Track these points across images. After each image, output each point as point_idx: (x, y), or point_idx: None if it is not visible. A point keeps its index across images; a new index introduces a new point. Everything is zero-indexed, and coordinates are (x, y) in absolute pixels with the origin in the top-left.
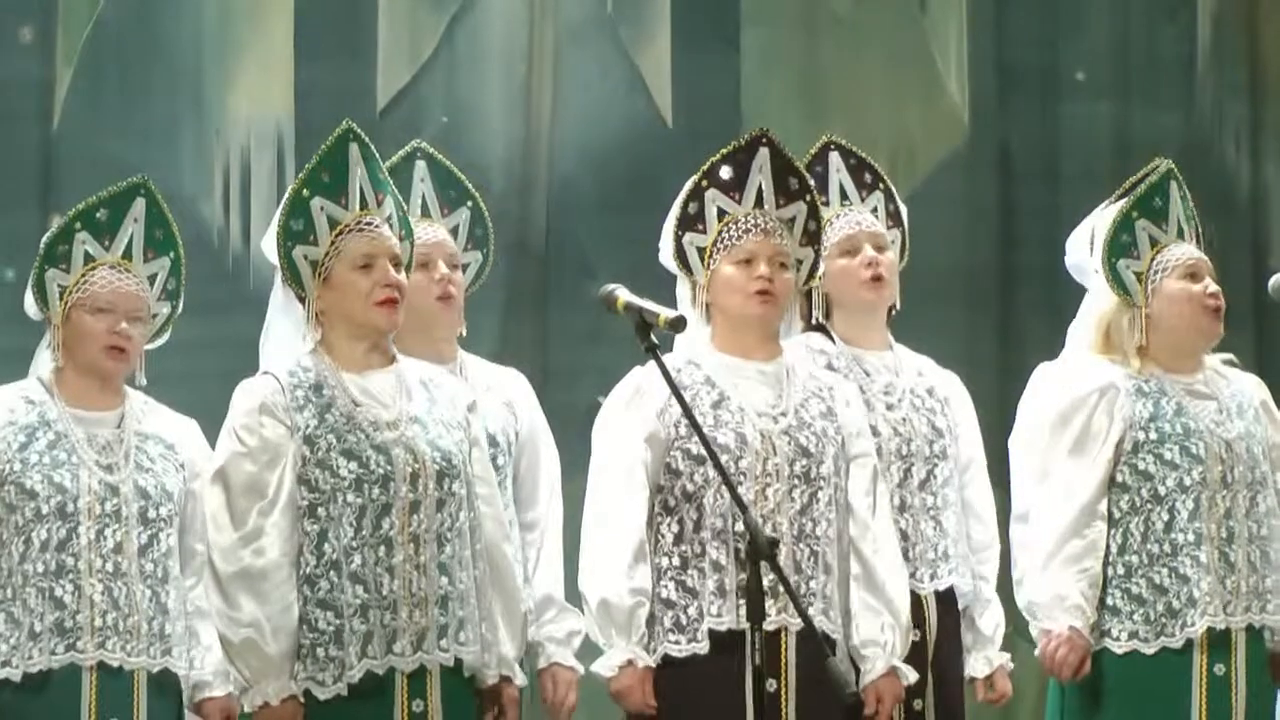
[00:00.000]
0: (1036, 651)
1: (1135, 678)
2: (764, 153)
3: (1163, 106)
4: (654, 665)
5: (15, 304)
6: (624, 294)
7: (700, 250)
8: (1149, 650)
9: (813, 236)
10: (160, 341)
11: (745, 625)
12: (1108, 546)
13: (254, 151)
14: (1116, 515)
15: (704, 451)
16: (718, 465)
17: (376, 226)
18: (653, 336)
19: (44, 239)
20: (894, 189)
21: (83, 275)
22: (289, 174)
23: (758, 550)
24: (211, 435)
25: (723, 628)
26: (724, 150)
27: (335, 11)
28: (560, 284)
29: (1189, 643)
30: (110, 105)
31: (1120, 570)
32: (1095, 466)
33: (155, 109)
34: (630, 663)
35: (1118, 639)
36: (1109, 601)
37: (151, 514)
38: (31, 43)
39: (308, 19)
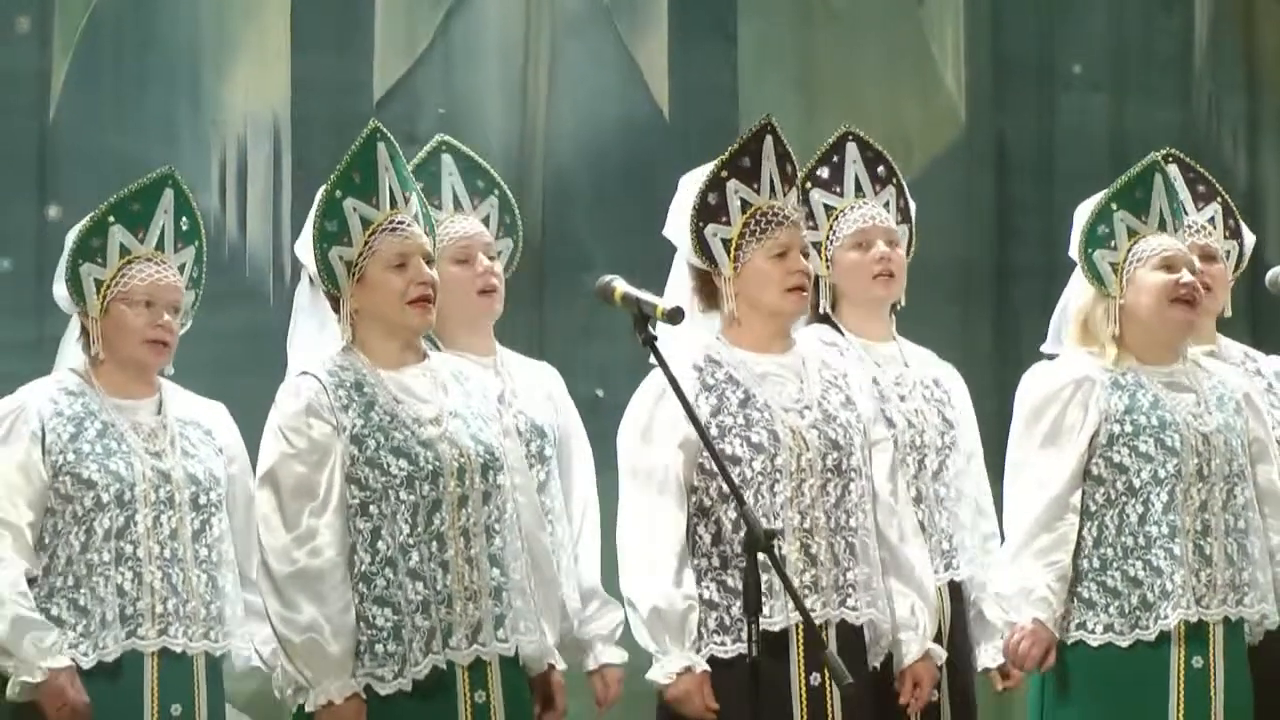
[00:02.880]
0: (1003, 644)
1: (1111, 671)
2: (769, 141)
3: (1159, 101)
4: (709, 670)
5: (13, 295)
6: (621, 285)
7: (725, 242)
8: (1123, 643)
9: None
10: (183, 330)
11: (789, 623)
12: (1082, 539)
13: (250, 143)
14: (1092, 508)
15: (737, 451)
16: (714, 456)
17: (408, 225)
18: (651, 329)
19: (75, 233)
20: (905, 184)
21: (120, 270)
22: (285, 166)
23: (755, 542)
24: None
25: (776, 627)
26: (739, 140)
27: (331, 3)
28: (556, 277)
29: (1163, 635)
30: (107, 96)
31: (1095, 563)
32: (1067, 459)
33: (152, 100)
34: (688, 669)
35: (1093, 632)
36: (1084, 594)
37: (203, 499)
38: (28, 33)
39: (304, 11)
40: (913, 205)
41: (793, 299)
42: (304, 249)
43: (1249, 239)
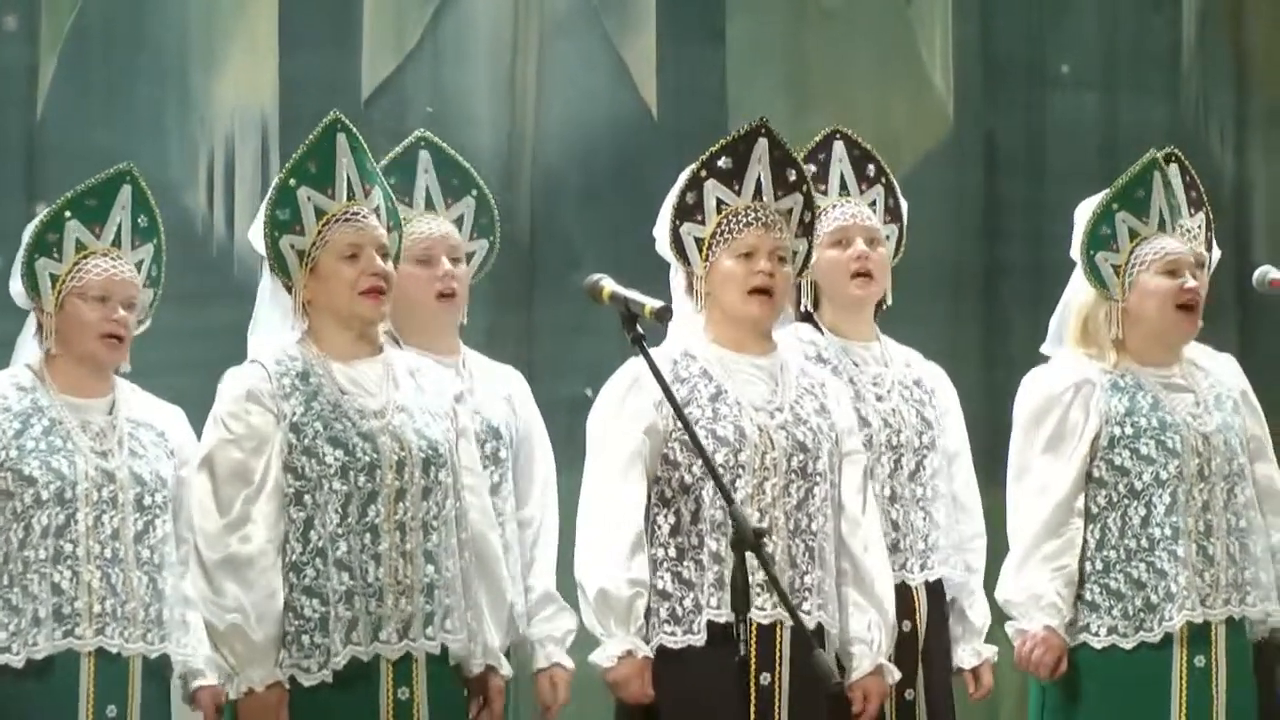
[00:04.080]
0: (1015, 652)
1: (1114, 673)
2: (763, 144)
3: (1148, 99)
4: (651, 656)
5: (3, 291)
6: (610, 284)
7: (699, 241)
8: (1127, 645)
9: (807, 228)
10: (141, 329)
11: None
12: (1085, 542)
13: (238, 141)
14: (1094, 511)
15: (701, 443)
16: (704, 456)
17: (363, 217)
18: (639, 327)
19: (31, 227)
20: (895, 184)
21: (75, 264)
22: (273, 163)
23: (743, 541)
24: (196, 423)
25: (721, 619)
26: (723, 140)
27: (320, 1)
28: (545, 276)
29: (1167, 637)
30: (95, 93)
31: (1098, 566)
32: (1071, 463)
33: (140, 97)
34: (629, 653)
35: (1096, 634)
36: (1087, 597)
37: (147, 500)
38: (15, 30)
39: (293, 8)
40: (904, 205)
41: (754, 303)
42: (255, 236)
43: (1215, 253)
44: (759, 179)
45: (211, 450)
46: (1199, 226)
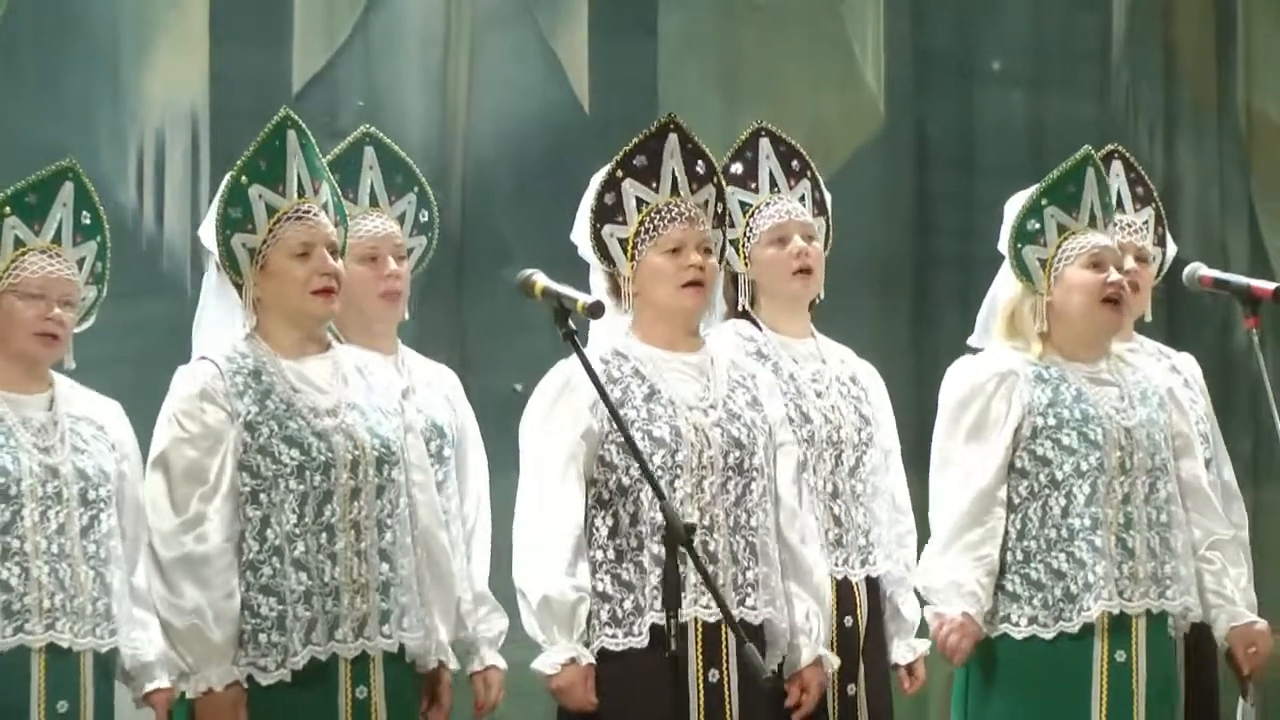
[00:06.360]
0: (930, 634)
1: (1034, 663)
2: (673, 139)
3: (1077, 95)
4: (594, 662)
5: None
6: (542, 279)
7: (622, 242)
8: (1047, 635)
9: (720, 218)
10: (86, 325)
11: (688, 618)
12: (1006, 532)
13: (169, 134)
14: (1016, 501)
15: (638, 445)
16: (637, 455)
17: (314, 214)
18: (570, 323)
19: None
20: (819, 177)
21: (13, 260)
22: (204, 157)
23: (675, 537)
24: (129, 417)
25: (665, 621)
26: (635, 140)
27: None
28: (477, 271)
29: (1086, 627)
30: (25, 86)
31: (1019, 556)
32: (993, 453)
33: (70, 91)
34: (572, 660)
35: (1017, 624)
36: (1008, 587)
37: (91, 495)
38: None
39: (224, 2)
40: (828, 197)
41: (687, 295)
42: (207, 234)
43: (1171, 249)
44: (674, 174)
45: (166, 449)
46: (1144, 222)
